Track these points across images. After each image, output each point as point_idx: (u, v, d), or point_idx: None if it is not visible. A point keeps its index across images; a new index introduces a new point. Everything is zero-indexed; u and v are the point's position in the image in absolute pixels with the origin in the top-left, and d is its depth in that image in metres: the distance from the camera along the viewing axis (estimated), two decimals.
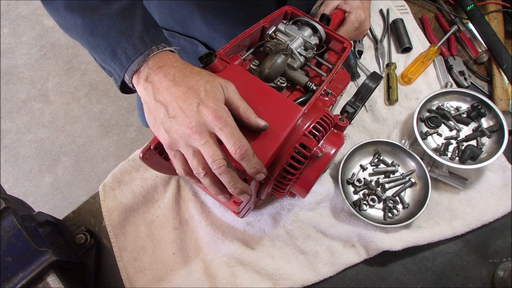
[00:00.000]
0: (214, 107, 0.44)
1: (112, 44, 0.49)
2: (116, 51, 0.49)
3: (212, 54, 0.55)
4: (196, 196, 0.76)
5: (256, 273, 0.70)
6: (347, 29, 0.76)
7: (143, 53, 0.48)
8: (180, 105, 0.45)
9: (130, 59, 0.48)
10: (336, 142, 0.58)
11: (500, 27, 0.90)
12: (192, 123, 0.43)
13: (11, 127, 1.99)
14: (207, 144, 0.44)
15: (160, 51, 0.49)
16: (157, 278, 0.70)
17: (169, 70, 0.47)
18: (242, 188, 0.47)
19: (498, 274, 0.68)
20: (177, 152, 0.47)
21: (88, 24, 0.50)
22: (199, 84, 0.46)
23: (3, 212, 0.58)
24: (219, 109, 0.45)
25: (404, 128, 0.81)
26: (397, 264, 0.71)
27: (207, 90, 0.45)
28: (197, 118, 0.44)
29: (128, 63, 0.49)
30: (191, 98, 0.45)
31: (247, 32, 0.61)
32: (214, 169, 0.45)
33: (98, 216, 0.76)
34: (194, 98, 0.45)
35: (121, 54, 0.49)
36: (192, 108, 0.44)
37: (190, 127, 0.43)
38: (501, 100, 0.81)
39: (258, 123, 0.49)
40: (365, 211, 0.73)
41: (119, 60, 0.50)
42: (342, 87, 0.64)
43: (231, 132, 0.44)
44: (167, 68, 0.47)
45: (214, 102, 0.45)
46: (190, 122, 0.44)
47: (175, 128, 0.45)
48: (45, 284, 0.59)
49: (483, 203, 0.73)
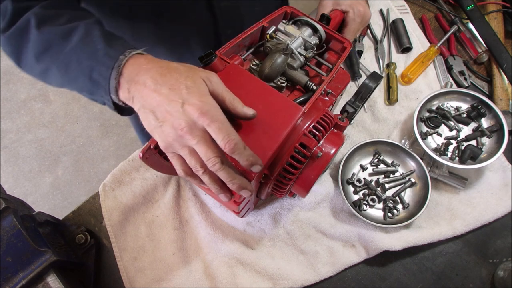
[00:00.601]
0: (199, 104, 0.44)
1: (87, 72, 0.50)
2: (93, 76, 0.50)
3: (212, 53, 0.55)
4: (196, 196, 0.76)
5: (256, 273, 0.70)
6: (351, 28, 0.76)
7: (114, 66, 0.48)
8: (166, 109, 0.44)
9: (106, 77, 0.49)
10: (336, 141, 0.58)
11: (500, 27, 0.90)
12: (181, 125, 0.43)
13: (11, 127, 1.99)
14: (200, 143, 0.44)
15: (128, 57, 0.49)
16: (157, 278, 0.70)
17: (145, 76, 0.46)
18: (241, 184, 0.47)
19: (498, 274, 0.68)
20: (174, 154, 0.47)
21: (61, 66, 0.52)
22: (179, 82, 0.45)
23: (3, 212, 0.58)
24: (204, 104, 0.44)
25: (404, 128, 0.81)
26: (397, 264, 0.71)
27: (188, 87, 0.45)
28: (185, 118, 0.43)
29: (106, 82, 0.49)
30: (174, 99, 0.44)
31: (247, 32, 0.61)
32: (210, 167, 0.44)
33: (98, 216, 0.76)
34: (177, 98, 0.44)
35: (98, 77, 0.50)
36: (178, 109, 0.44)
37: (181, 129, 0.43)
38: (501, 100, 0.81)
39: (245, 112, 0.48)
40: (365, 211, 0.73)
41: (98, 84, 0.50)
42: (342, 87, 0.64)
43: (219, 127, 0.43)
44: (143, 75, 0.47)
45: (198, 99, 0.44)
46: (180, 124, 0.43)
47: (167, 132, 0.45)
48: (45, 284, 0.59)
49: (483, 203, 0.73)
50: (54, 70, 0.53)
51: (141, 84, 0.46)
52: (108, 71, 0.48)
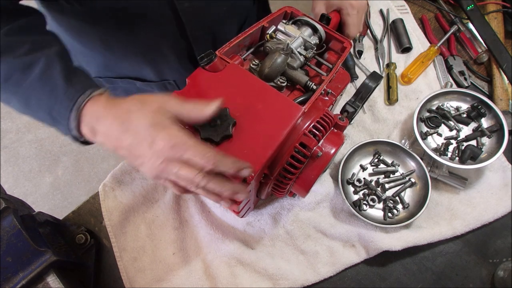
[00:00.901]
0: (165, 140, 0.44)
1: (47, 109, 0.50)
2: (53, 115, 0.50)
3: (212, 53, 0.55)
4: (196, 196, 0.76)
5: (256, 273, 0.70)
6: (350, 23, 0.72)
7: (73, 108, 0.48)
8: (138, 153, 0.45)
9: (65, 117, 0.48)
10: (336, 141, 0.58)
11: (500, 27, 0.90)
12: (156, 163, 0.44)
13: (11, 127, 1.99)
14: (181, 169, 0.44)
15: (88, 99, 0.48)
16: (157, 278, 0.70)
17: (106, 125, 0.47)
18: (233, 190, 0.47)
19: (498, 274, 0.68)
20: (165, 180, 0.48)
21: (22, 99, 0.51)
22: (140, 124, 0.45)
23: (3, 212, 0.58)
24: (170, 138, 0.44)
25: (404, 128, 0.81)
26: (397, 264, 0.71)
27: (150, 126, 0.45)
28: (158, 155, 0.44)
29: (66, 122, 0.49)
30: (142, 143, 0.45)
31: (247, 32, 0.61)
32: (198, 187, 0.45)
33: (98, 216, 0.76)
34: (144, 141, 0.45)
35: (57, 115, 0.49)
36: (149, 151, 0.44)
37: (158, 166, 0.44)
38: (501, 100, 0.81)
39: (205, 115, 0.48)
40: (365, 211, 0.73)
41: (58, 122, 0.50)
42: (342, 87, 0.64)
43: (192, 154, 0.44)
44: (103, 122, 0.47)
45: (162, 135, 0.44)
46: (154, 163, 0.44)
47: (147, 170, 0.46)
48: (45, 284, 0.59)
49: (483, 203, 0.73)
50: (14, 101, 0.53)
51: (102, 134, 0.47)
52: (67, 113, 0.48)
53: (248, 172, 0.47)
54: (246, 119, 0.52)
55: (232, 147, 0.50)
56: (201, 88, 0.55)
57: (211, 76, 0.56)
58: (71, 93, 0.48)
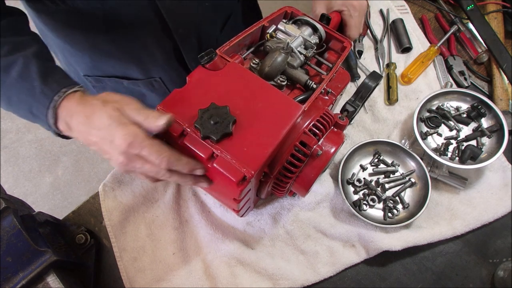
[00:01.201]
0: (122, 137, 0.46)
1: (27, 107, 0.53)
2: (33, 111, 0.53)
3: (212, 52, 0.55)
4: (196, 196, 0.76)
5: (256, 273, 0.70)
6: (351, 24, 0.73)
7: (49, 106, 0.51)
8: (103, 148, 0.49)
9: (44, 114, 0.51)
10: (336, 140, 0.58)
11: (500, 27, 0.90)
12: (120, 158, 0.48)
13: (11, 127, 1.99)
14: (144, 164, 0.48)
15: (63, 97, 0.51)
16: (157, 278, 0.70)
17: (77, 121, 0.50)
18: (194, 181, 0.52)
19: (498, 274, 0.68)
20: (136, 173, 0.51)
21: (4, 97, 0.54)
22: (101, 122, 0.48)
23: (3, 212, 0.58)
24: (127, 136, 0.46)
25: (404, 128, 0.81)
26: (397, 264, 0.71)
27: (109, 124, 0.47)
28: (119, 152, 0.47)
29: (45, 119, 0.52)
30: (104, 139, 0.48)
31: (247, 31, 0.61)
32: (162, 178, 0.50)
33: (98, 216, 0.76)
34: (106, 137, 0.48)
35: (37, 112, 0.52)
36: (110, 147, 0.48)
37: (122, 162, 0.48)
38: (501, 100, 0.81)
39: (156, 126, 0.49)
40: (365, 211, 0.73)
41: (38, 118, 0.53)
42: (342, 86, 0.64)
43: (148, 151, 0.47)
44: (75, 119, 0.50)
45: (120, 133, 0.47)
46: (118, 158, 0.48)
47: (115, 165, 0.49)
48: (45, 284, 0.59)
49: (483, 203, 0.73)
50: None
51: (75, 130, 0.51)
52: (45, 110, 0.51)
53: (201, 172, 0.51)
54: (246, 117, 0.52)
55: (232, 145, 0.50)
56: (201, 86, 0.55)
57: (212, 74, 0.56)
58: (47, 92, 0.51)
